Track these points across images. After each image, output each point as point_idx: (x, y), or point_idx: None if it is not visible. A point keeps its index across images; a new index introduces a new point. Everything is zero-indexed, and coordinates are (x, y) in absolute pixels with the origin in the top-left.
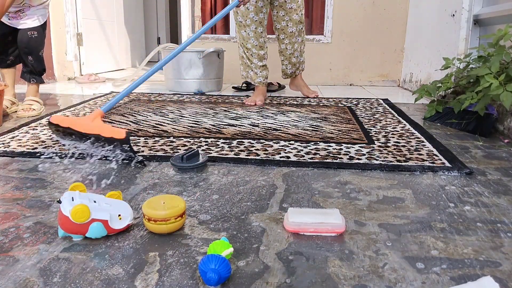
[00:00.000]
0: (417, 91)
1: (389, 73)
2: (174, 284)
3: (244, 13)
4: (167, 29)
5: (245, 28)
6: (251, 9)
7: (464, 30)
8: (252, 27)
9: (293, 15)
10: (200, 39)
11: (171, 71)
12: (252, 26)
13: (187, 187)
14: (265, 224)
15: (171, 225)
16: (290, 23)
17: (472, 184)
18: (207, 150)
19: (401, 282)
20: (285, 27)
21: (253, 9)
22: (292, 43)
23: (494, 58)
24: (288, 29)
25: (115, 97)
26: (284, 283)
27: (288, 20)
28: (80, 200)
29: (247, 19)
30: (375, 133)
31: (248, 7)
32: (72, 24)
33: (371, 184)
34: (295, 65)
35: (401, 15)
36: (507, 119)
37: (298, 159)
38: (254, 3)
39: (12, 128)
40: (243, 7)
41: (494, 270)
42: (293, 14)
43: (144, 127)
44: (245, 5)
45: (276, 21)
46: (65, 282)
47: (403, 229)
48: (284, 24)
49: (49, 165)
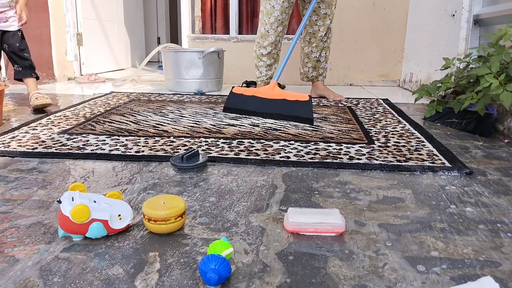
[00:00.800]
0: (417, 91)
1: (389, 73)
2: (174, 284)
3: (268, 10)
4: (167, 29)
5: (265, 25)
6: (277, 8)
7: (464, 30)
8: (274, 26)
9: (326, 20)
10: (200, 39)
11: (171, 71)
12: (274, 25)
13: (187, 187)
14: (265, 224)
15: (171, 225)
16: (322, 27)
17: (472, 184)
18: (207, 150)
19: (401, 282)
20: (317, 31)
21: (279, 8)
22: (319, 48)
23: (494, 58)
24: (319, 34)
25: (280, 65)
26: (284, 283)
27: (320, 25)
28: (80, 200)
29: (270, 17)
30: (375, 133)
31: (274, 5)
32: (72, 24)
33: (371, 184)
34: (318, 70)
35: (401, 15)
36: (507, 119)
37: (298, 159)
38: (281, 2)
39: (12, 128)
40: (269, 5)
41: (494, 270)
42: (326, 19)
43: (144, 127)
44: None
45: (308, 25)
46: (65, 282)
47: (403, 229)
48: (316, 28)
49: (49, 165)
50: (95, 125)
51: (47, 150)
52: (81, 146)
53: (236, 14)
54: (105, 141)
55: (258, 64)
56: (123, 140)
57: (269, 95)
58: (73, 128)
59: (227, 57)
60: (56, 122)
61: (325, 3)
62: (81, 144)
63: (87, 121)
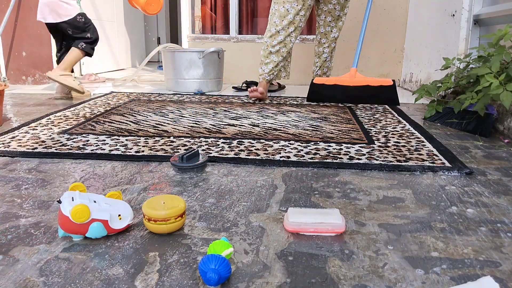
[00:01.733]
0: (417, 91)
1: (389, 73)
2: (174, 284)
3: (282, 13)
4: (167, 29)
5: (276, 26)
6: (292, 11)
7: (464, 30)
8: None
9: (339, 22)
10: (200, 39)
11: (171, 71)
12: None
13: (187, 187)
14: (265, 224)
15: (171, 225)
16: (335, 29)
17: (472, 184)
18: (207, 150)
19: (401, 282)
20: (329, 32)
21: (293, 11)
22: (330, 48)
23: (494, 58)
24: (331, 35)
25: (357, 49)
26: (284, 283)
27: (333, 26)
28: (80, 200)
29: (284, 20)
30: (375, 133)
31: (288, 9)
32: None
33: (371, 184)
34: (323, 69)
35: (401, 15)
36: (507, 119)
37: (298, 159)
38: (295, 6)
39: (12, 128)
40: (283, 8)
41: (494, 270)
42: (339, 21)
43: (144, 127)
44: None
45: (322, 26)
46: (65, 282)
47: (403, 229)
48: (328, 29)
49: (49, 165)
50: (95, 125)
51: (47, 150)
52: (81, 146)
53: (236, 14)
54: (105, 141)
55: (265, 61)
56: (123, 140)
57: (352, 82)
58: (73, 128)
59: (227, 57)
60: (56, 122)
61: (340, 5)
62: (81, 144)
63: (87, 121)
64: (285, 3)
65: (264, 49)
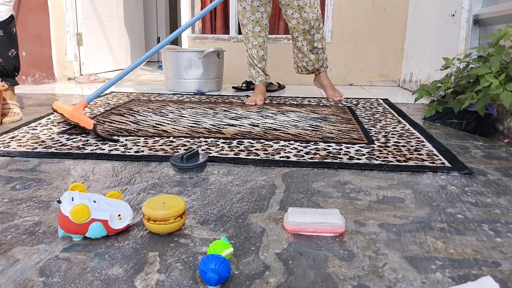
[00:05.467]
0: (417, 91)
1: (389, 73)
2: (174, 284)
3: (241, 12)
4: (167, 29)
5: (244, 27)
6: (248, 8)
7: (464, 30)
8: (249, 27)
9: (302, 12)
10: (200, 39)
11: (171, 71)
12: (249, 26)
13: (187, 187)
14: (265, 224)
15: (170, 225)
16: (301, 20)
17: (472, 184)
18: (207, 150)
19: (401, 282)
20: (297, 24)
21: (249, 8)
22: (308, 40)
23: (494, 58)
24: (300, 27)
25: (98, 88)
26: (284, 283)
27: (297, 17)
28: (80, 200)
29: (244, 19)
30: (375, 133)
31: (245, 6)
32: (72, 24)
33: (371, 184)
34: (317, 61)
35: (401, 15)
36: (507, 119)
37: (298, 159)
38: (250, 2)
39: (12, 128)
40: (240, 6)
41: (494, 270)
42: (302, 11)
43: (144, 127)
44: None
45: (287, 20)
46: (65, 282)
47: (403, 229)
48: (294, 22)
49: (49, 165)
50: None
51: (47, 150)
52: (81, 146)
53: (236, 14)
54: (105, 141)
55: (253, 64)
56: (123, 140)
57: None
58: (73, 128)
59: (227, 57)
60: (56, 122)
61: None
62: (81, 144)
63: None
64: (241, 1)
65: (246, 50)
